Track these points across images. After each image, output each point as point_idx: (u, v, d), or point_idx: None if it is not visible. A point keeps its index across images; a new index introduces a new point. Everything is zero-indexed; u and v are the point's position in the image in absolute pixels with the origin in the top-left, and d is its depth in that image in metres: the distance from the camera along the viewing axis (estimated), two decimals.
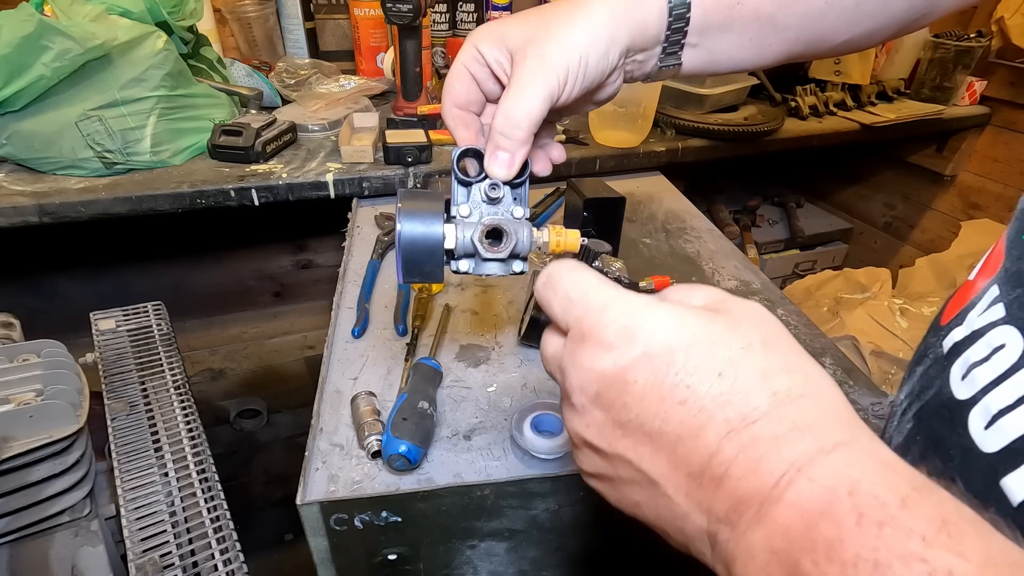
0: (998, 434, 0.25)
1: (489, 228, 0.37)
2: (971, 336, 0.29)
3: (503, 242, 0.38)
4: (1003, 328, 0.27)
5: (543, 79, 0.35)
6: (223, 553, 0.60)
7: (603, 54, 0.36)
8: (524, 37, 0.36)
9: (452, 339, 0.64)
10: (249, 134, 0.89)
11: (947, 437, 0.28)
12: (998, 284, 0.29)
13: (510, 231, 0.38)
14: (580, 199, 0.72)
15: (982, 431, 0.26)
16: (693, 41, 0.39)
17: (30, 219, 0.79)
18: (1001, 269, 0.29)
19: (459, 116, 0.40)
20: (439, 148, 0.99)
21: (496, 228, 0.38)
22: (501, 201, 0.39)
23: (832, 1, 0.39)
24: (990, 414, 0.26)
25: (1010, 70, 1.40)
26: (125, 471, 0.66)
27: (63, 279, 1.32)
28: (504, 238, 0.38)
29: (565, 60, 0.35)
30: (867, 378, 0.59)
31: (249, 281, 1.55)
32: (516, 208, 0.40)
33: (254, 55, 1.27)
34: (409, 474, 0.47)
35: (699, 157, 1.09)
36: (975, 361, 0.28)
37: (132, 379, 0.78)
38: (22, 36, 0.74)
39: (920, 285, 1.44)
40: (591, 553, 0.53)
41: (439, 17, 1.41)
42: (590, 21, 0.35)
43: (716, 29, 0.39)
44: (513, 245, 0.38)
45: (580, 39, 0.35)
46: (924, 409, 0.31)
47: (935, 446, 0.29)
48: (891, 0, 0.40)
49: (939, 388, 0.30)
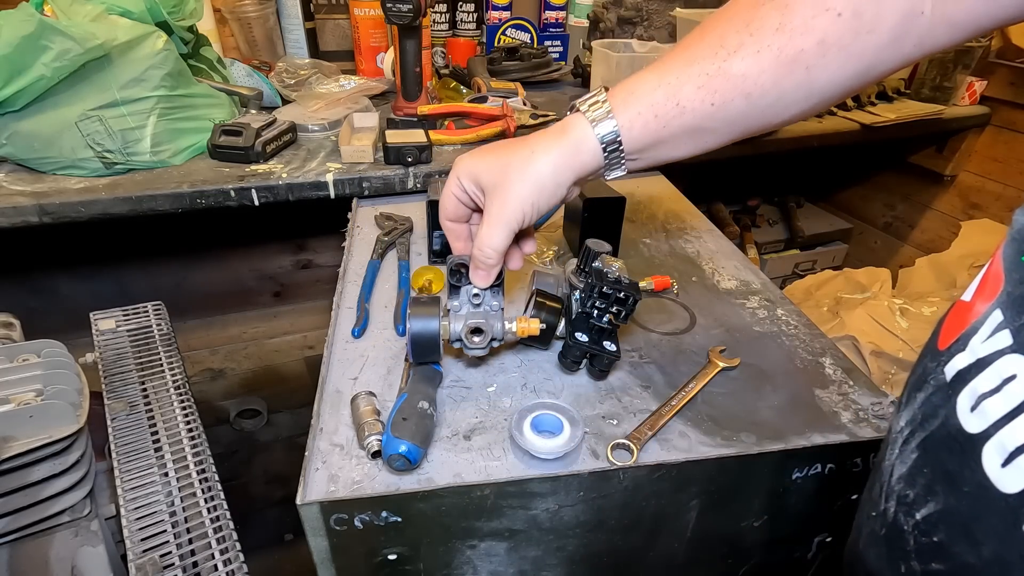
0: (1018, 473, 0.25)
1: (472, 328, 0.52)
2: (977, 364, 0.28)
3: (482, 336, 0.53)
4: (1012, 357, 0.27)
5: (504, 222, 0.47)
6: (223, 553, 0.60)
7: (551, 194, 0.47)
8: (491, 182, 0.48)
9: None
10: (249, 134, 0.89)
11: (959, 472, 0.28)
12: (1001, 309, 0.28)
13: (487, 329, 0.52)
14: (580, 199, 0.72)
15: (999, 469, 0.26)
16: (632, 157, 0.47)
17: (30, 219, 0.79)
18: (1003, 293, 0.29)
19: (452, 228, 0.53)
20: (439, 148, 0.99)
21: (477, 328, 0.52)
22: (483, 299, 0.54)
23: (753, 101, 0.42)
24: (1007, 451, 0.25)
25: (1010, 70, 1.40)
26: (125, 471, 0.66)
27: (63, 279, 1.32)
28: (483, 334, 0.53)
29: (520, 207, 0.47)
30: (867, 378, 0.59)
31: (249, 281, 1.55)
32: (494, 301, 0.54)
33: (254, 55, 1.27)
34: (409, 474, 0.47)
35: (699, 157, 1.09)
36: (984, 392, 0.27)
37: (132, 379, 0.78)
38: (22, 36, 0.74)
39: (920, 285, 1.44)
40: (591, 553, 0.53)
41: (439, 17, 1.41)
42: (538, 175, 0.46)
43: (650, 147, 0.46)
44: (490, 338, 0.53)
45: (530, 190, 0.46)
46: (930, 440, 0.31)
47: (945, 480, 0.29)
48: (814, 85, 0.41)
49: (945, 418, 0.29)
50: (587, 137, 0.45)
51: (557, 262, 0.77)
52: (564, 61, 1.51)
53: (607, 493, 0.49)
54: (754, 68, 0.41)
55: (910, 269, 1.49)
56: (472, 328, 0.52)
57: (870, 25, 0.38)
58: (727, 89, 0.42)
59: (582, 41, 1.40)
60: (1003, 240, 0.30)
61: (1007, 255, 0.29)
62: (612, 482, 0.48)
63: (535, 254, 0.79)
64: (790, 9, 0.40)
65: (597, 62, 0.94)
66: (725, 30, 0.42)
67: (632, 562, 0.56)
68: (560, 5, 1.50)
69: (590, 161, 0.46)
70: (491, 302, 0.54)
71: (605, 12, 1.23)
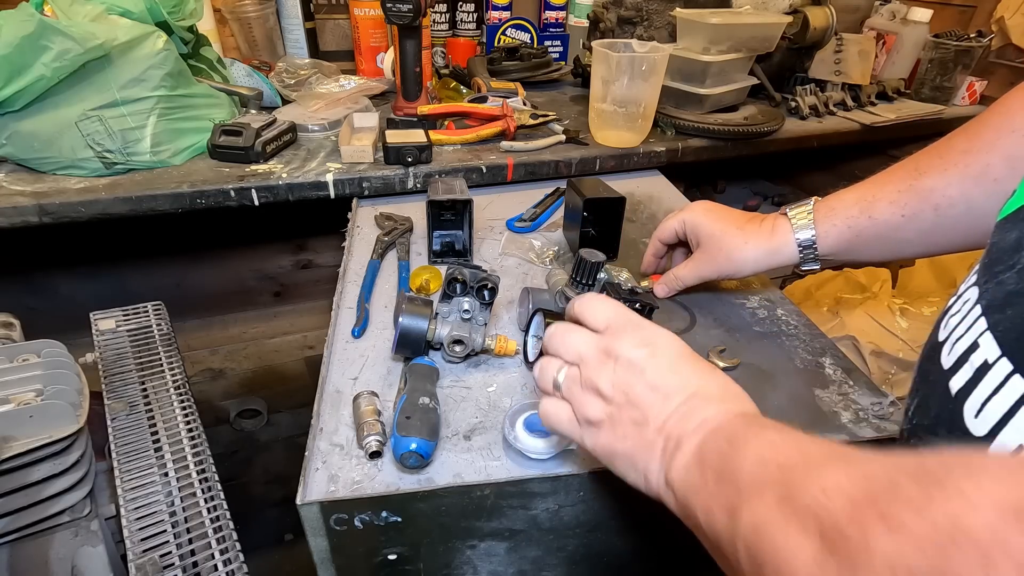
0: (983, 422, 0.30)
1: (454, 339, 0.57)
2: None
3: (463, 347, 0.57)
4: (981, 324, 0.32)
5: (699, 274, 0.64)
6: (223, 553, 0.60)
7: (740, 274, 0.62)
8: (707, 241, 0.62)
9: None
10: (249, 134, 0.89)
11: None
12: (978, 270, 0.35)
13: (467, 342, 0.57)
14: (580, 199, 0.72)
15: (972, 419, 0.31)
16: (825, 257, 0.58)
17: (30, 219, 0.79)
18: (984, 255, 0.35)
19: (657, 246, 0.69)
20: (439, 148, 0.99)
21: (459, 339, 0.57)
22: (473, 313, 0.59)
23: (942, 212, 0.49)
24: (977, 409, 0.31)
25: (1010, 70, 1.40)
26: (125, 471, 0.66)
27: (63, 279, 1.32)
28: (463, 346, 0.57)
29: (716, 272, 0.62)
30: (867, 378, 0.59)
31: (249, 281, 1.55)
32: (480, 316, 0.59)
33: (254, 55, 1.27)
34: (409, 474, 0.47)
35: (699, 157, 1.09)
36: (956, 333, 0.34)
37: (132, 379, 0.78)
38: (22, 36, 0.74)
39: (920, 285, 1.44)
40: (591, 553, 0.53)
41: (439, 17, 1.41)
42: (742, 263, 0.60)
43: (843, 252, 0.56)
44: (469, 349, 0.57)
45: (727, 269, 0.61)
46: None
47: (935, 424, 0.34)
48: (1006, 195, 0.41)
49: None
50: (788, 243, 0.58)
51: (557, 262, 0.77)
52: (564, 61, 1.51)
53: (607, 493, 0.49)
54: (940, 183, 0.49)
55: (910, 269, 1.49)
56: (455, 339, 0.57)
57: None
58: (916, 203, 0.51)
59: (582, 41, 1.40)
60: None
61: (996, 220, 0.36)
62: (613, 482, 0.48)
63: (535, 253, 0.79)
64: (979, 137, 0.48)
65: (597, 62, 0.94)
66: (919, 163, 0.52)
67: (633, 562, 0.56)
68: (560, 5, 1.50)
69: (786, 260, 0.58)
70: (478, 317, 0.59)
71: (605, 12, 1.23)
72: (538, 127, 1.06)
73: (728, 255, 0.60)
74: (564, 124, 1.08)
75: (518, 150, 0.99)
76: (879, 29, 1.44)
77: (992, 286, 0.32)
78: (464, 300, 0.58)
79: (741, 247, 0.59)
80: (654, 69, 0.92)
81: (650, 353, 0.37)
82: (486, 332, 0.59)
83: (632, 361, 0.37)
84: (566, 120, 1.12)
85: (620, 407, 0.37)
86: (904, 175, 0.52)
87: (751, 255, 0.59)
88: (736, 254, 0.59)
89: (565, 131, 1.04)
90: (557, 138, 1.02)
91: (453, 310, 0.59)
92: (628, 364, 0.37)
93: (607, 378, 0.37)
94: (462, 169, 0.93)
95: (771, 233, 0.59)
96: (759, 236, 0.59)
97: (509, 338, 0.59)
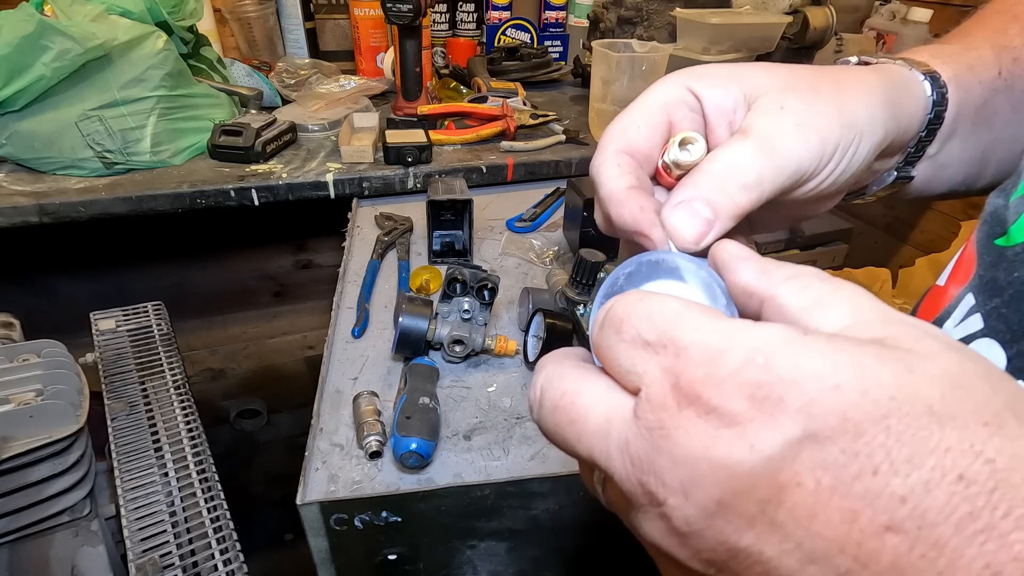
0: None
1: (455, 339, 0.57)
2: None
3: (463, 347, 0.57)
4: (983, 341, 0.25)
5: (803, 140, 0.23)
6: (223, 553, 0.60)
7: (878, 141, 0.26)
8: (776, 84, 0.24)
9: None
10: (249, 134, 0.89)
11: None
12: (973, 293, 0.27)
13: (467, 342, 0.57)
14: (580, 199, 0.72)
15: None
16: (932, 151, 0.32)
17: (30, 219, 0.79)
18: (975, 276, 0.27)
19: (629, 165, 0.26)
20: (439, 148, 0.99)
21: (459, 339, 0.57)
22: (473, 314, 0.58)
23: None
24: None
25: None
26: (125, 471, 0.66)
27: (63, 279, 1.32)
28: (463, 346, 0.57)
29: (839, 127, 0.24)
30: None
31: (249, 281, 1.55)
32: (480, 316, 0.59)
33: (254, 55, 1.27)
34: (409, 474, 0.47)
35: None
36: None
37: (132, 379, 0.78)
38: (22, 36, 0.74)
39: (920, 285, 1.44)
40: (591, 553, 0.53)
41: (439, 17, 1.41)
42: (869, 93, 0.25)
43: (958, 135, 0.33)
44: (469, 349, 0.57)
45: (857, 108, 0.24)
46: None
47: None
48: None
49: None
50: (914, 80, 0.29)
51: (557, 262, 0.77)
52: (564, 61, 1.51)
53: None
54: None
55: (910, 269, 1.49)
56: (455, 339, 0.57)
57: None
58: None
59: (582, 41, 1.40)
60: (977, 224, 0.29)
61: (979, 238, 0.28)
62: None
63: (535, 253, 0.79)
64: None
65: (597, 62, 0.94)
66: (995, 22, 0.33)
67: (633, 562, 0.56)
68: (560, 5, 1.50)
69: (915, 119, 0.29)
70: (478, 317, 0.59)
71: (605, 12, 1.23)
72: (538, 127, 1.06)
73: (838, 92, 0.24)
74: (564, 124, 1.08)
75: (518, 150, 0.99)
76: (879, 29, 1.44)
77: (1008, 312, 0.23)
78: (464, 300, 0.58)
79: (844, 76, 0.26)
80: (654, 69, 0.92)
81: (774, 446, 0.14)
82: (486, 332, 0.59)
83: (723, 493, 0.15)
84: (566, 120, 1.12)
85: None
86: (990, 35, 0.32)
87: (875, 89, 0.26)
88: (852, 88, 0.25)
89: (565, 131, 1.04)
90: (557, 138, 1.02)
91: (453, 310, 0.59)
92: (717, 503, 0.15)
93: (672, 542, 0.18)
94: (462, 169, 0.93)
95: (874, 70, 0.29)
96: (858, 73, 0.28)
97: (509, 338, 0.59)
